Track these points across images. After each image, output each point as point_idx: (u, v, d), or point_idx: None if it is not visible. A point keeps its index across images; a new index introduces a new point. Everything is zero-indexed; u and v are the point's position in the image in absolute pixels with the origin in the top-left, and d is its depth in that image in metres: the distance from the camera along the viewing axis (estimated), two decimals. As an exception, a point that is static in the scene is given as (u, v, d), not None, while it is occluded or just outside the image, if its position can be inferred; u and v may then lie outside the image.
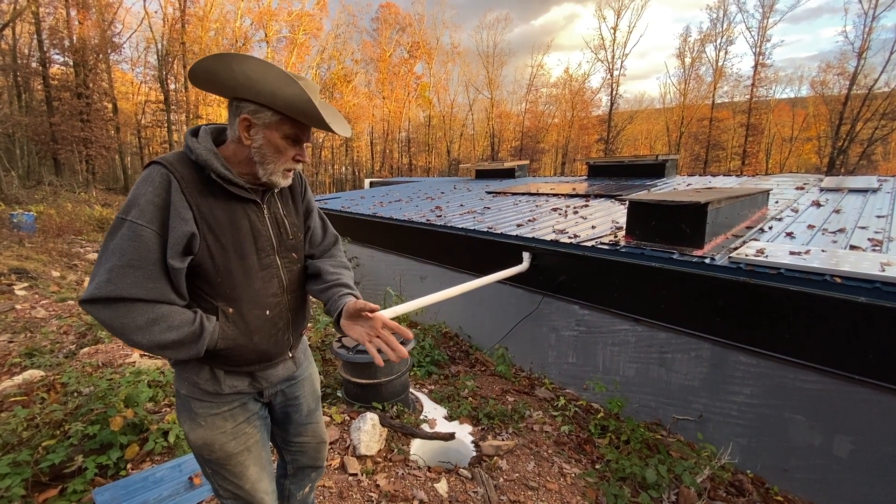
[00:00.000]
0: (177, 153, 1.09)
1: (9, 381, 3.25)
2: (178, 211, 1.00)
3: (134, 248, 0.96)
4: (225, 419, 1.18)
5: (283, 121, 1.08)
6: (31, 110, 19.90)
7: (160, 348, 1.00)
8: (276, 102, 1.04)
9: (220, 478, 1.22)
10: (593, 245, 3.51)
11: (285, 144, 1.10)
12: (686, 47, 29.87)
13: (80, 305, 0.96)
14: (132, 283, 0.95)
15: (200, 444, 1.16)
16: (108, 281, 0.94)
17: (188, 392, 1.16)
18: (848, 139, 22.76)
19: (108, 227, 1.00)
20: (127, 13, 24.01)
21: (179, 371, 1.16)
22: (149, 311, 0.97)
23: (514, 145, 35.54)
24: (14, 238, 8.75)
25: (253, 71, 1.00)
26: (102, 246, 0.99)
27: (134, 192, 1.01)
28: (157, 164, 1.04)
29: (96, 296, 0.94)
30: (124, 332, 0.97)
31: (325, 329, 4.30)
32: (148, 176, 1.02)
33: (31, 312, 5.07)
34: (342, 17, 32.72)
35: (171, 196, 1.00)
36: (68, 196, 14.98)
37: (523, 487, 2.31)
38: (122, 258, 0.95)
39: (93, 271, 0.98)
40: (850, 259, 2.57)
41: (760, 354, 2.61)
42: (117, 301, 0.95)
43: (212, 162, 1.05)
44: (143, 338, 0.97)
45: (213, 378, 1.15)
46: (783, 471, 2.57)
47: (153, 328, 0.98)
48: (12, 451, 2.14)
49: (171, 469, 2.13)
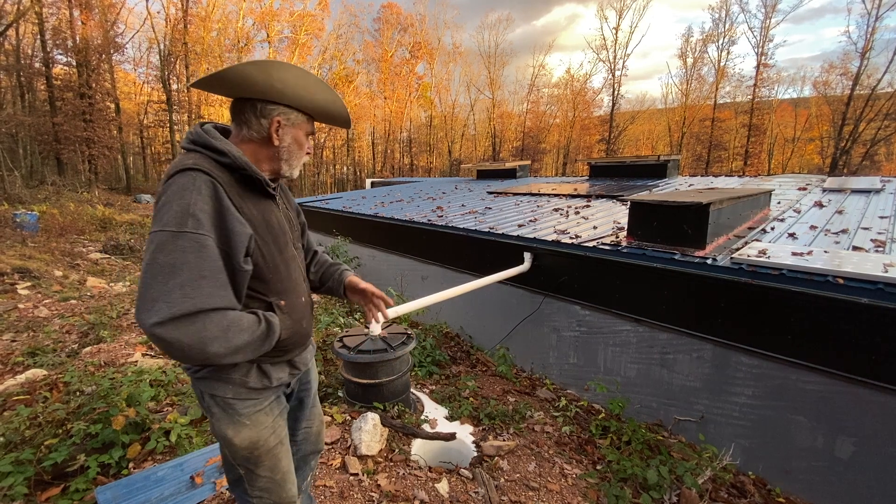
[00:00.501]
0: (202, 157, 1.05)
1: (12, 380, 3.27)
2: (234, 215, 1.03)
3: (202, 259, 0.94)
4: (266, 414, 1.20)
5: (307, 121, 1.21)
6: (34, 110, 19.97)
7: (235, 352, 0.99)
8: (311, 107, 1.18)
9: (253, 476, 1.22)
10: (595, 245, 3.51)
11: (304, 141, 1.23)
12: (688, 47, 29.84)
13: (151, 329, 0.88)
14: (208, 294, 0.94)
15: (247, 445, 1.17)
16: (184, 296, 0.90)
17: (234, 394, 1.14)
18: (851, 140, 22.69)
19: (154, 242, 0.93)
20: (130, 13, 24.10)
21: (223, 376, 1.13)
22: (223, 320, 0.96)
23: (515, 145, 35.53)
24: (17, 237, 8.79)
25: (292, 77, 1.09)
26: (154, 263, 0.92)
27: (179, 202, 0.96)
28: (196, 171, 1.00)
29: (174, 314, 0.88)
30: (203, 346, 0.92)
31: (327, 329, 4.30)
32: (191, 184, 0.98)
33: (34, 312, 5.09)
34: (344, 17, 32.81)
35: (221, 202, 1.01)
36: (71, 196, 15.02)
37: (524, 488, 2.31)
38: (193, 271, 0.93)
39: (147, 293, 0.90)
40: (852, 260, 2.57)
41: (762, 355, 2.60)
42: (196, 315, 0.91)
43: (249, 164, 1.10)
44: (221, 346, 0.95)
45: (262, 373, 1.18)
46: (785, 472, 2.57)
47: (228, 335, 0.96)
48: (15, 449, 2.14)
49: (173, 468, 2.13)
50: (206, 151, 1.07)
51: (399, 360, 2.81)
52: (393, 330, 3.05)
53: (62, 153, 18.75)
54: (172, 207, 0.95)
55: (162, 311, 0.88)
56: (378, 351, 2.72)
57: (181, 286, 0.91)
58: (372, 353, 2.70)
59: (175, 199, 0.96)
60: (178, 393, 3.03)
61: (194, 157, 1.04)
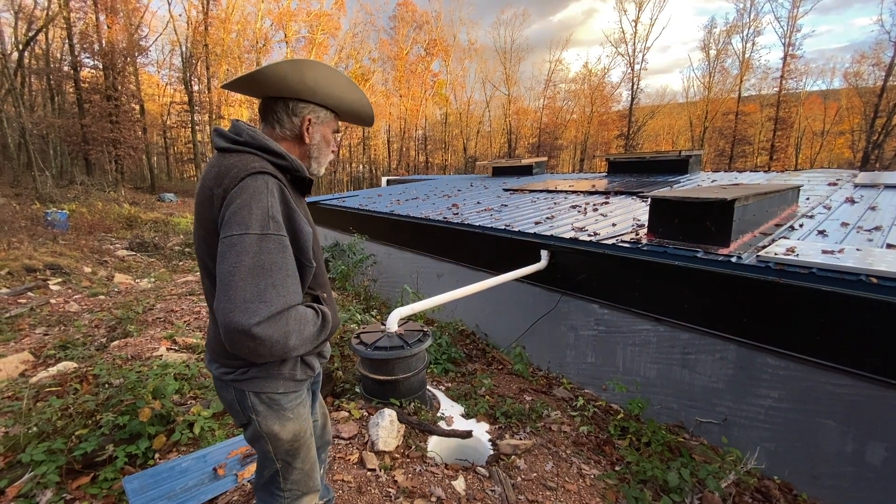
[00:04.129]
0: (260, 160, 1.06)
1: (44, 372, 3.41)
2: (300, 216, 1.09)
3: (287, 259, 1.01)
4: (304, 406, 1.25)
5: (334, 119, 1.25)
6: (63, 112, 20.74)
7: (303, 345, 1.04)
8: (340, 105, 1.22)
9: (289, 469, 1.25)
10: (614, 243, 3.45)
11: (332, 138, 1.27)
12: (711, 39, 29.00)
13: (253, 329, 0.90)
14: (294, 292, 1.01)
15: (290, 438, 1.20)
16: (278, 295, 0.96)
17: (284, 388, 1.17)
18: (884, 133, 21.71)
19: (237, 246, 0.94)
20: (153, 17, 24.80)
21: (273, 372, 1.15)
22: (297, 314, 1.02)
23: (531, 142, 35.20)
24: (48, 235, 9.14)
25: (323, 77, 1.13)
26: (241, 265, 0.93)
27: (258, 205, 0.98)
28: (266, 175, 1.03)
29: (273, 312, 0.93)
30: (286, 339, 0.97)
31: (344, 325, 4.35)
32: (265, 188, 1.01)
33: (65, 307, 5.29)
34: (360, 16, 33.00)
35: (288, 204, 1.07)
36: (98, 195, 15.56)
37: (541, 487, 2.29)
38: (282, 269, 0.99)
39: (242, 294, 0.91)
40: (887, 258, 2.46)
41: (789, 357, 2.52)
42: (287, 311, 0.98)
43: (302, 166, 1.14)
44: (296, 339, 1.00)
45: (305, 365, 1.22)
46: (812, 477, 2.48)
47: (301, 328, 1.02)
48: (47, 439, 2.24)
49: (197, 460, 2.19)
50: (262, 153, 1.08)
51: (415, 357, 2.82)
52: (409, 327, 3.06)
53: (90, 153, 19.43)
54: (252, 211, 0.97)
55: (261, 311, 0.92)
56: (395, 348, 2.73)
57: (274, 286, 0.95)
58: (388, 350, 2.71)
59: (253, 202, 0.98)
60: (202, 386, 3.11)
61: (256, 160, 1.05)
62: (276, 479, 1.26)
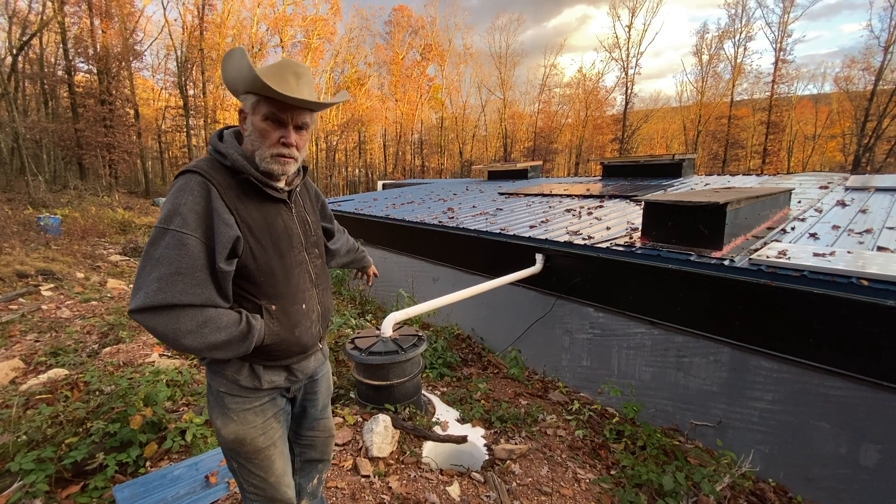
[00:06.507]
0: (207, 160, 1.12)
1: (34, 379, 3.36)
2: (221, 216, 1.04)
3: (180, 257, 0.98)
4: (256, 414, 1.21)
5: (259, 102, 1.08)
6: (57, 117, 20.59)
7: (210, 349, 1.03)
8: (254, 84, 1.04)
9: (246, 472, 1.25)
10: (608, 246, 3.46)
11: (266, 126, 1.10)
12: (703, 44, 29.32)
13: (131, 315, 0.98)
14: (181, 290, 0.98)
15: (232, 439, 1.19)
16: (158, 290, 0.96)
17: (226, 389, 1.18)
18: (874, 136, 21.99)
19: (150, 236, 1.02)
20: (148, 22, 24.73)
21: (218, 369, 1.18)
22: (198, 316, 1.00)
23: (526, 146, 35.36)
24: (41, 240, 9.06)
25: (232, 62, 1.07)
26: (145, 256, 1.00)
27: (173, 201, 1.02)
28: (192, 173, 1.05)
29: (147, 304, 0.95)
30: (176, 337, 0.98)
31: (339, 330, 4.33)
32: (185, 185, 1.03)
33: (57, 312, 5.23)
34: (355, 20, 33.20)
35: (212, 203, 1.04)
36: (92, 200, 15.46)
37: (537, 492, 2.28)
38: (170, 267, 0.97)
39: (137, 281, 0.99)
40: (877, 261, 2.48)
41: (783, 359, 2.53)
42: (168, 308, 0.97)
43: (247, 167, 1.11)
44: (194, 341, 1.00)
45: (253, 374, 1.19)
46: (807, 480, 2.49)
47: (203, 331, 1.01)
48: (37, 447, 2.20)
49: (188, 467, 2.16)
50: (214, 154, 1.13)
51: (410, 362, 2.81)
52: (404, 332, 3.05)
53: (84, 158, 19.28)
54: (167, 206, 1.02)
55: (138, 299, 0.96)
56: (389, 353, 2.72)
57: (157, 280, 0.96)
58: (383, 355, 2.70)
59: (170, 198, 1.03)
60: (194, 393, 3.08)
61: (204, 160, 1.10)
62: (237, 477, 1.28)
